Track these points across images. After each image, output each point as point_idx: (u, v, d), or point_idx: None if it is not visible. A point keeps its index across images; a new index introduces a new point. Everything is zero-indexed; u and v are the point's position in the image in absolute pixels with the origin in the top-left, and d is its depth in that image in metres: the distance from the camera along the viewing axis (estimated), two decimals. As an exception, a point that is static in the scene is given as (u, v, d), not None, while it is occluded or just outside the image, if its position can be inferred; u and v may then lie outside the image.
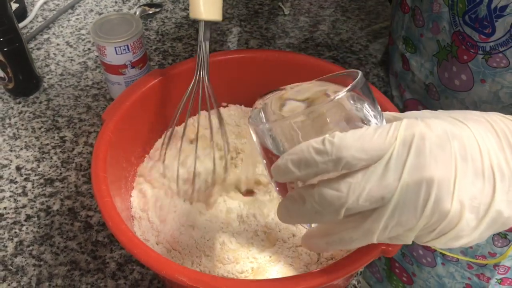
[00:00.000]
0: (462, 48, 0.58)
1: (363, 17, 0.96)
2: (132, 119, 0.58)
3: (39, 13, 0.96)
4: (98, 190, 0.49)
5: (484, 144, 0.34)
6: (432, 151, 0.33)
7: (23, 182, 0.67)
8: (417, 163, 0.33)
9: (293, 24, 0.94)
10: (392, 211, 0.34)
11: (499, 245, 0.67)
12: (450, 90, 0.62)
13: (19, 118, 0.76)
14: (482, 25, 0.54)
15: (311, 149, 0.34)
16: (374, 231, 0.35)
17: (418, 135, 0.33)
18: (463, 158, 0.33)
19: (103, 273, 0.58)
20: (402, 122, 0.34)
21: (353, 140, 0.34)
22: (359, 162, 0.34)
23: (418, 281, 0.83)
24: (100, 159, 0.51)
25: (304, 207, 0.36)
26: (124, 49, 0.70)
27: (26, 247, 0.60)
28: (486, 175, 0.34)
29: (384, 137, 0.34)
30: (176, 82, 0.62)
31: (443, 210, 0.33)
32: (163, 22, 0.94)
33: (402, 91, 0.74)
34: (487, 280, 0.72)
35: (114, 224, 0.46)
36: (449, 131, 0.34)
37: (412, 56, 0.68)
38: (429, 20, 0.62)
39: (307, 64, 0.63)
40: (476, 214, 0.34)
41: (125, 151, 0.58)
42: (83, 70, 0.84)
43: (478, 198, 0.34)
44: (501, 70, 0.55)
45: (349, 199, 0.34)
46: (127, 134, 0.58)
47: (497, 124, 0.36)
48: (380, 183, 0.33)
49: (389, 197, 0.33)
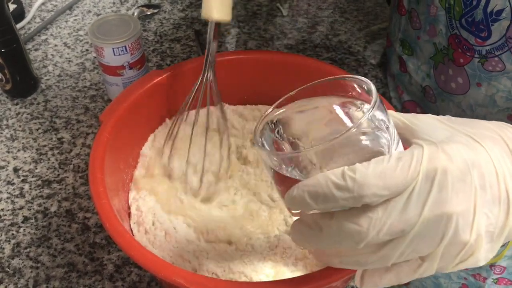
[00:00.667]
0: (458, 51, 0.58)
1: (362, 18, 0.96)
2: (129, 120, 0.58)
3: (37, 14, 0.95)
4: (96, 192, 0.49)
5: (500, 167, 0.35)
6: (454, 186, 0.33)
7: (20, 183, 0.67)
8: (439, 198, 0.33)
9: (291, 25, 0.94)
10: (410, 241, 0.34)
11: None
12: (446, 93, 0.62)
13: (16, 120, 0.76)
14: (478, 28, 0.54)
15: (330, 183, 0.33)
16: (390, 257, 0.35)
17: (441, 170, 0.33)
18: (482, 187, 0.34)
19: (100, 275, 0.58)
20: (424, 154, 0.34)
21: (374, 176, 0.33)
22: (381, 199, 0.33)
23: (414, 281, 0.83)
24: (97, 161, 0.51)
25: (321, 235, 0.36)
26: (122, 50, 0.70)
27: (23, 249, 0.60)
28: (502, 200, 0.34)
29: (406, 171, 0.33)
30: (175, 83, 0.62)
31: (460, 241, 0.33)
32: (161, 23, 0.94)
33: (400, 93, 0.74)
34: (483, 280, 0.72)
35: (112, 226, 0.46)
36: (469, 160, 0.34)
37: (409, 59, 0.68)
38: (426, 22, 0.62)
39: (305, 65, 0.63)
40: (490, 238, 0.34)
41: (123, 152, 0.58)
42: (81, 71, 0.84)
43: (493, 224, 0.34)
44: (496, 74, 0.55)
45: (369, 234, 0.33)
46: (125, 135, 0.58)
47: (510, 142, 0.36)
48: (400, 218, 0.33)
49: (408, 230, 0.33)
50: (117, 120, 0.56)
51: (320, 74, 0.47)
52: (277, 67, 0.64)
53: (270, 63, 0.64)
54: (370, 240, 0.34)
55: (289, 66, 0.63)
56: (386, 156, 0.34)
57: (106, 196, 0.48)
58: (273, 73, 0.64)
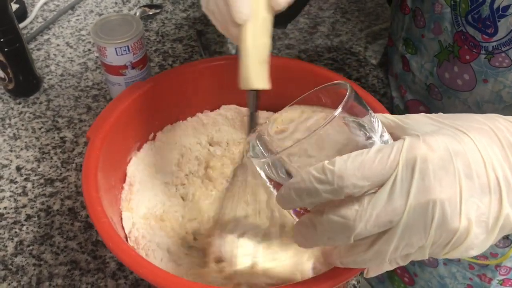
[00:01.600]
0: (464, 48, 0.58)
1: (363, 18, 0.97)
2: (117, 135, 0.56)
3: (39, 14, 0.96)
4: (94, 212, 0.47)
5: (488, 156, 0.34)
6: (436, 174, 0.33)
7: (23, 182, 0.68)
8: (422, 186, 0.33)
9: (293, 26, 0.94)
10: (401, 233, 0.34)
11: (500, 245, 0.67)
12: (452, 90, 0.62)
13: (19, 119, 0.76)
14: (485, 25, 0.54)
15: (312, 178, 0.35)
16: (385, 253, 0.35)
17: (420, 158, 0.33)
18: (468, 176, 0.34)
19: (103, 273, 0.58)
20: (404, 145, 0.34)
21: (353, 167, 0.34)
22: (362, 190, 0.34)
23: (420, 281, 0.83)
24: (91, 179, 0.49)
25: (316, 233, 0.37)
26: (125, 50, 0.71)
27: (26, 246, 0.60)
28: (492, 188, 0.34)
29: (385, 162, 0.34)
30: (160, 93, 0.61)
31: (450, 228, 0.34)
32: (163, 23, 0.94)
33: (403, 92, 0.74)
34: (489, 281, 0.72)
35: (115, 245, 0.45)
36: (452, 149, 0.34)
37: (412, 57, 0.68)
38: (430, 20, 0.62)
39: (300, 70, 0.63)
40: (485, 228, 0.34)
41: (113, 168, 0.57)
42: (83, 70, 0.84)
43: (486, 213, 0.34)
44: (503, 70, 0.55)
45: (357, 226, 0.34)
46: (114, 150, 0.56)
47: (500, 132, 0.36)
48: (386, 208, 0.34)
49: (397, 220, 0.34)
50: (105, 136, 0.54)
51: (315, 78, 0.48)
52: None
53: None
54: (359, 232, 0.34)
55: (284, 70, 0.62)
56: (367, 149, 0.35)
57: (105, 215, 0.46)
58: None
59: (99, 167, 0.51)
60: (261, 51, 0.46)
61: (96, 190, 0.49)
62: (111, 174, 0.56)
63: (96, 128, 0.54)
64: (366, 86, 0.82)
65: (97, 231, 0.46)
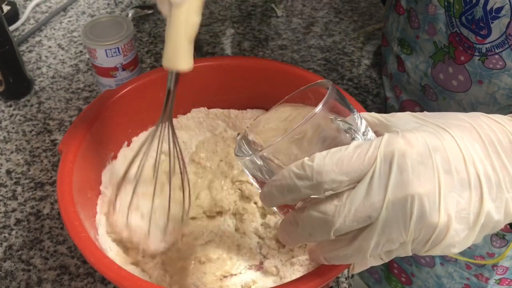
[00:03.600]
0: (459, 49, 0.57)
1: (356, 18, 0.96)
2: (90, 146, 0.55)
3: (31, 16, 0.95)
4: (72, 227, 0.46)
5: (468, 152, 0.34)
6: (414, 169, 0.33)
7: (13, 185, 0.67)
8: (400, 181, 0.33)
9: (286, 26, 0.94)
10: (381, 228, 0.34)
11: (497, 245, 0.67)
12: (447, 91, 0.62)
13: (9, 121, 0.75)
14: (478, 26, 0.54)
15: (292, 174, 0.35)
16: (366, 248, 0.35)
17: (398, 153, 0.34)
18: (447, 171, 0.34)
19: (92, 278, 0.57)
20: (382, 140, 0.34)
21: (331, 163, 0.34)
22: (341, 185, 0.34)
23: (417, 281, 0.83)
24: (66, 194, 0.48)
25: (298, 229, 0.37)
26: (115, 51, 0.70)
27: (15, 251, 0.60)
28: (472, 184, 0.34)
29: (363, 157, 0.34)
30: (131, 99, 0.60)
31: (430, 223, 0.33)
32: (156, 24, 0.94)
33: (398, 93, 0.73)
34: (486, 280, 0.72)
35: (97, 260, 0.44)
36: (431, 145, 0.34)
37: (407, 58, 0.68)
38: (424, 21, 0.61)
39: (282, 71, 0.62)
40: (466, 224, 0.34)
41: (88, 180, 0.56)
42: (75, 72, 0.83)
43: (466, 209, 0.34)
44: (497, 71, 0.55)
45: (336, 222, 0.34)
46: (88, 162, 0.55)
47: (482, 129, 0.36)
48: (365, 203, 0.34)
49: (375, 215, 0.34)
50: (77, 148, 0.53)
51: (296, 80, 0.47)
52: (255, 72, 0.63)
53: (246, 68, 0.64)
54: (339, 227, 0.35)
55: (267, 71, 0.63)
56: (346, 145, 0.35)
57: (84, 230, 0.46)
58: (252, 78, 0.63)
59: (74, 181, 0.50)
60: (191, 31, 0.45)
61: (73, 205, 0.47)
62: (86, 187, 0.54)
63: (68, 140, 0.53)
64: (359, 86, 0.82)
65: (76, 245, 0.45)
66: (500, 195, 0.35)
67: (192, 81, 0.61)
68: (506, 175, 0.35)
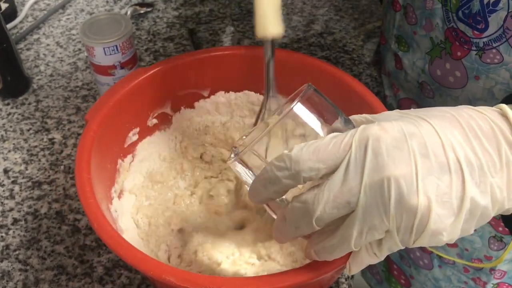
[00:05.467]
0: (456, 45, 0.57)
1: (357, 16, 0.95)
2: (115, 119, 0.57)
3: (29, 13, 0.95)
4: (83, 192, 0.48)
5: (447, 138, 0.34)
6: (389, 152, 0.34)
7: (10, 185, 0.66)
8: (376, 164, 0.34)
9: (286, 24, 0.93)
10: (361, 215, 0.34)
11: (495, 248, 0.66)
12: (444, 87, 0.61)
13: (7, 120, 0.75)
14: (475, 20, 0.53)
15: (273, 167, 0.36)
16: (349, 237, 0.35)
17: (372, 138, 0.34)
18: (424, 155, 0.34)
19: (90, 278, 0.57)
20: (358, 129, 0.35)
21: (308, 152, 0.35)
22: (319, 173, 0.35)
23: (416, 283, 0.82)
24: (84, 161, 0.50)
25: (286, 224, 0.38)
26: (113, 49, 0.69)
27: (13, 251, 0.59)
28: (452, 168, 0.34)
29: (339, 145, 0.35)
30: (160, 80, 0.61)
31: (409, 206, 0.33)
32: (155, 22, 0.93)
33: (396, 91, 0.73)
34: (483, 284, 0.72)
35: (100, 226, 0.45)
36: (406, 131, 0.34)
37: (404, 55, 0.67)
38: (422, 17, 0.61)
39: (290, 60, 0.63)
40: (449, 209, 0.34)
41: (109, 152, 0.57)
42: (73, 70, 0.83)
43: (448, 193, 0.34)
44: (495, 66, 0.54)
45: (316, 209, 0.35)
46: (111, 134, 0.57)
47: (462, 118, 0.36)
48: (342, 189, 0.34)
49: (354, 201, 0.34)
50: (102, 119, 0.54)
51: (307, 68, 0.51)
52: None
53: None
54: (320, 215, 0.35)
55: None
56: (322, 137, 0.36)
57: (93, 196, 0.47)
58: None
59: (94, 150, 0.52)
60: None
61: (88, 172, 0.49)
62: (107, 158, 0.56)
63: (95, 111, 0.55)
64: (359, 84, 0.81)
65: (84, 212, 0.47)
66: (484, 179, 0.34)
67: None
68: (489, 159, 0.35)
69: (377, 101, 0.56)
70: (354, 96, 0.57)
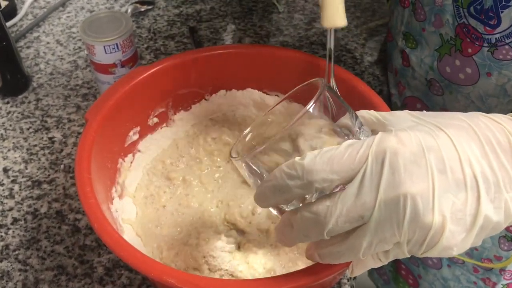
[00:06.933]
0: (466, 41, 0.56)
1: (359, 14, 0.95)
2: (115, 118, 0.56)
3: (29, 11, 0.94)
4: (83, 192, 0.47)
5: (464, 152, 0.33)
6: (406, 168, 0.33)
7: (10, 184, 0.66)
8: (392, 180, 0.33)
9: (288, 22, 0.92)
10: (374, 228, 0.34)
11: (505, 248, 0.66)
12: (454, 84, 0.61)
13: (7, 119, 0.74)
14: (488, 16, 0.52)
15: (283, 174, 0.35)
16: (359, 247, 0.35)
17: (390, 152, 0.33)
18: (441, 171, 0.33)
19: (90, 278, 0.56)
20: (375, 139, 0.34)
21: (322, 162, 0.34)
22: (332, 184, 0.34)
23: (424, 283, 0.82)
24: (84, 160, 0.50)
25: (293, 231, 0.37)
26: (114, 48, 0.69)
27: (12, 251, 0.59)
28: (468, 185, 0.33)
29: (354, 156, 0.33)
30: (160, 79, 0.61)
31: (423, 224, 0.33)
32: (155, 20, 0.92)
33: (402, 89, 0.72)
34: (493, 285, 0.71)
35: (100, 226, 0.45)
36: (425, 144, 0.33)
37: (412, 52, 0.66)
38: (431, 13, 0.60)
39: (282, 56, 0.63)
40: (462, 226, 0.33)
41: (110, 151, 0.57)
42: (73, 69, 0.82)
43: (462, 210, 0.33)
44: (507, 62, 0.54)
45: (328, 222, 0.34)
46: (111, 133, 0.56)
47: (480, 129, 0.35)
48: (356, 203, 0.33)
49: (368, 215, 0.33)
50: (103, 118, 0.54)
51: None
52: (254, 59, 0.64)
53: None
54: (332, 228, 0.34)
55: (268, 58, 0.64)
56: (338, 145, 0.35)
57: (94, 196, 0.47)
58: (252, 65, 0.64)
59: (94, 150, 0.51)
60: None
61: (88, 172, 0.49)
62: (107, 157, 0.56)
63: (95, 110, 0.54)
64: (362, 83, 0.80)
65: (85, 212, 0.46)
66: (499, 195, 0.34)
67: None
68: (505, 175, 0.34)
69: (380, 100, 0.56)
70: (356, 95, 0.57)
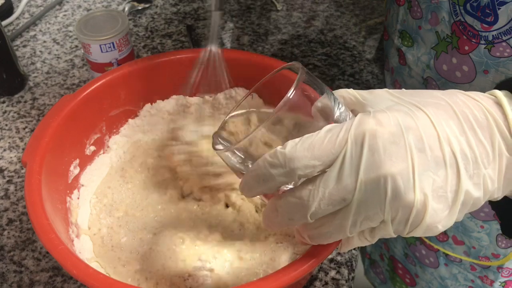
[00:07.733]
0: (463, 39, 0.55)
1: (358, 12, 0.94)
2: (54, 155, 0.53)
3: (26, 10, 0.93)
4: (48, 241, 0.44)
5: (443, 130, 0.34)
6: (386, 149, 0.33)
7: (5, 184, 0.65)
8: (372, 162, 0.33)
9: (286, 20, 0.92)
10: (356, 209, 0.34)
11: (502, 246, 0.65)
12: (451, 82, 0.60)
13: (3, 118, 0.74)
14: (484, 13, 0.52)
15: (266, 163, 0.36)
16: (345, 227, 0.36)
17: (369, 134, 0.33)
18: (420, 150, 0.34)
19: (86, 280, 0.56)
20: (353, 122, 0.34)
21: (303, 149, 0.34)
22: (314, 169, 0.34)
23: (421, 282, 0.81)
24: (38, 207, 0.46)
25: (278, 215, 0.38)
26: (110, 46, 0.68)
27: (7, 252, 0.58)
28: (448, 163, 0.34)
29: (334, 141, 0.34)
30: (90, 105, 0.58)
31: (405, 203, 0.33)
32: (153, 18, 0.92)
33: (398, 88, 0.72)
34: (491, 283, 0.70)
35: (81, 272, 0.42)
36: (403, 124, 0.34)
37: (408, 50, 0.66)
38: (427, 11, 0.59)
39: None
40: (445, 203, 0.34)
41: (56, 191, 0.54)
42: (70, 68, 0.82)
43: (443, 187, 0.34)
44: (504, 59, 0.53)
45: (311, 206, 0.35)
46: (54, 172, 0.53)
47: (458, 106, 0.36)
48: (338, 186, 0.34)
49: (350, 197, 0.34)
50: (41, 158, 0.51)
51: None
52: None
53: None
54: (315, 211, 0.35)
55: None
56: (318, 130, 0.35)
57: (61, 242, 0.44)
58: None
59: (43, 193, 0.48)
60: None
61: (46, 218, 0.46)
62: (55, 198, 0.53)
63: (31, 151, 0.51)
64: (360, 82, 0.80)
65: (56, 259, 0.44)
66: (478, 171, 0.35)
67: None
68: (483, 151, 0.35)
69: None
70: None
